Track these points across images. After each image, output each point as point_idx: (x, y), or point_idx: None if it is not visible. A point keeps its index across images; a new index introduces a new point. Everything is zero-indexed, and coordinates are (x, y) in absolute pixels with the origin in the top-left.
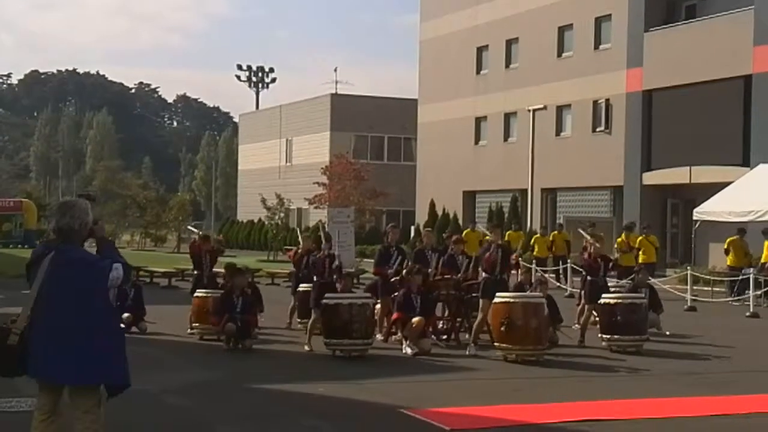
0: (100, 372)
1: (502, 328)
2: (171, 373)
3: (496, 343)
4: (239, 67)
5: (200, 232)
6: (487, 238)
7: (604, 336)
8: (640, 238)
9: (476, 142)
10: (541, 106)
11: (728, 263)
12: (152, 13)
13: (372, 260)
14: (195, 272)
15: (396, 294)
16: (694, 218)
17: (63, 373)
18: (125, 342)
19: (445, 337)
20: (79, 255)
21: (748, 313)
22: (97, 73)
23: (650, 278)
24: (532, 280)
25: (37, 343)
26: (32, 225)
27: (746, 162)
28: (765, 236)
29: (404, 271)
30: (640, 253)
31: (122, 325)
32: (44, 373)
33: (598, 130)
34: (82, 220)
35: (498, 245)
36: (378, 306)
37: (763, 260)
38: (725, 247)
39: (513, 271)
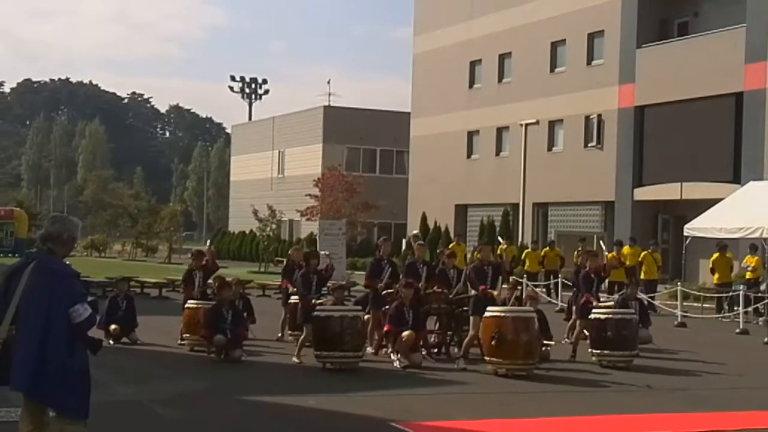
0: (51, 395)
1: (493, 343)
2: (161, 384)
3: (486, 357)
4: (232, 78)
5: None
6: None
7: (594, 351)
8: (645, 253)
9: (468, 156)
10: (534, 120)
11: (715, 281)
12: (148, 22)
13: (363, 273)
14: (183, 287)
15: (387, 307)
16: (685, 234)
17: (35, 386)
18: (87, 369)
19: (435, 350)
20: (58, 266)
21: (738, 330)
22: (90, 82)
23: (643, 293)
24: (522, 297)
25: (15, 354)
26: (23, 234)
27: (737, 179)
28: (751, 252)
29: (398, 285)
30: (642, 268)
31: (110, 342)
32: (21, 384)
33: (590, 145)
34: (70, 232)
35: (489, 263)
36: (368, 317)
37: (749, 276)
38: (710, 266)
39: (504, 286)
